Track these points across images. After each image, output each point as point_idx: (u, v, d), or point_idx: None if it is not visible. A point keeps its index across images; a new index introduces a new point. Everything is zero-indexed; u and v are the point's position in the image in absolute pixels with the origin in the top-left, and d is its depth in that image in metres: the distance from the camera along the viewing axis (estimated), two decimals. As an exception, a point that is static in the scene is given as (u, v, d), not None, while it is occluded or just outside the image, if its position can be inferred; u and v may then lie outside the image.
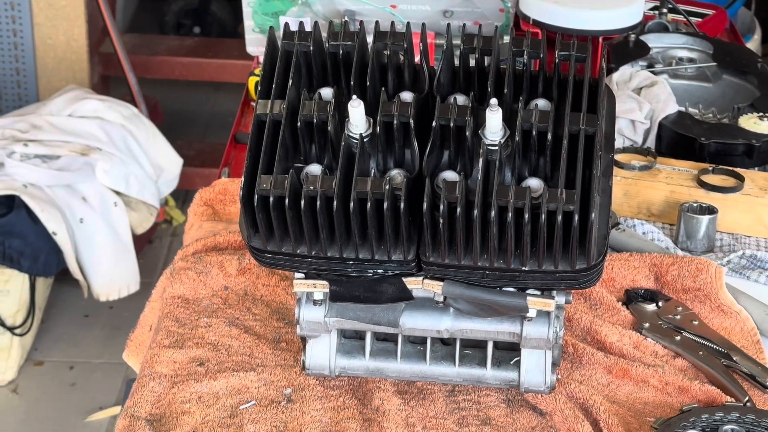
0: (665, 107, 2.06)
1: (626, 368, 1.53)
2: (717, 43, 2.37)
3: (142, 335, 1.75)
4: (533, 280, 1.38)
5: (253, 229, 1.38)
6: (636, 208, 1.90)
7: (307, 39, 1.42)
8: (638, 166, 1.91)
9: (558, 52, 1.43)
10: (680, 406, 1.48)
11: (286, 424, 1.44)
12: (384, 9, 2.24)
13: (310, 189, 1.32)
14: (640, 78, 2.14)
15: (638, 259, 1.74)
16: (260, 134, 1.37)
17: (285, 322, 1.63)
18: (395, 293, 1.42)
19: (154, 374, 1.53)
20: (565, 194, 1.31)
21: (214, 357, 1.56)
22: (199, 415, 1.46)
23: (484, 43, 1.44)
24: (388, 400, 1.48)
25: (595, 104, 1.38)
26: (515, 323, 1.45)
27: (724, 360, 1.55)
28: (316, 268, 1.41)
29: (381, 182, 1.32)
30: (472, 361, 1.50)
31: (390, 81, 1.45)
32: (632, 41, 2.29)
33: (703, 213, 1.83)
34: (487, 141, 1.35)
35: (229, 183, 1.96)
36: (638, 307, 1.66)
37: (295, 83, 1.41)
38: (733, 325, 1.64)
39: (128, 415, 1.47)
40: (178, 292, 1.69)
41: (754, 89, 2.20)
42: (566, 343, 1.57)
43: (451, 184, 1.31)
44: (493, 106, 1.34)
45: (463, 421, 1.45)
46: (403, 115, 1.36)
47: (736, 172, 1.90)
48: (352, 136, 1.37)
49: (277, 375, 1.52)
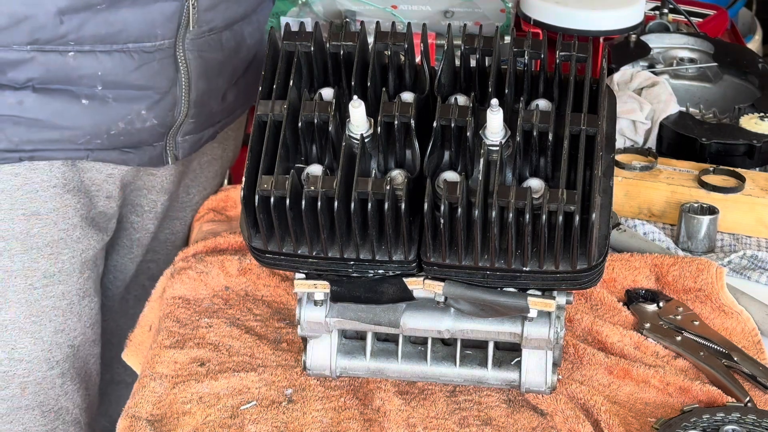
0: (666, 107, 2.06)
1: (627, 369, 1.53)
2: (718, 43, 2.37)
3: (142, 335, 1.75)
4: (534, 280, 1.38)
5: (254, 230, 1.38)
6: (637, 209, 1.90)
7: (308, 39, 1.42)
8: (639, 167, 1.91)
9: (559, 53, 1.43)
10: (681, 406, 1.48)
11: (287, 425, 1.45)
12: (385, 9, 2.24)
13: (311, 189, 1.32)
14: (641, 78, 2.15)
15: (639, 259, 1.74)
16: (261, 135, 1.37)
17: (286, 323, 1.63)
18: (396, 293, 1.42)
19: (154, 374, 1.53)
20: (566, 195, 1.31)
21: (215, 357, 1.56)
22: (200, 416, 1.46)
23: (485, 44, 1.44)
24: (389, 401, 1.48)
25: (596, 105, 1.38)
26: (516, 324, 1.45)
27: (725, 360, 1.55)
28: (317, 268, 1.41)
29: (382, 182, 1.32)
30: (473, 361, 1.50)
31: (391, 81, 1.45)
32: (633, 41, 2.29)
33: (704, 213, 1.83)
34: (488, 141, 1.35)
35: (232, 190, 1.96)
36: (639, 307, 1.66)
37: (296, 84, 1.41)
38: (734, 326, 1.64)
39: (129, 415, 1.47)
40: (179, 293, 1.69)
41: (755, 89, 2.20)
42: (567, 343, 1.57)
43: (452, 184, 1.31)
44: (494, 106, 1.34)
45: (464, 421, 1.45)
46: (403, 116, 1.36)
47: (737, 173, 1.90)
48: (353, 136, 1.37)
49: (278, 375, 1.52)
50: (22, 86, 1.59)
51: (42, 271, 1.72)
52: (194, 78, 1.68)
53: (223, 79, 1.75)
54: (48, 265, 1.73)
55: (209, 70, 1.70)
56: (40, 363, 1.76)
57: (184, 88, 1.68)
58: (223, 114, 1.82)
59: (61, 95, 1.61)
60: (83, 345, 1.81)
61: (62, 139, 1.64)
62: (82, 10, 1.55)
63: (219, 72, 1.73)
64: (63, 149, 1.66)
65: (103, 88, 1.61)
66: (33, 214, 1.69)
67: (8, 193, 1.67)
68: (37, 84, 1.59)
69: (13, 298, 1.72)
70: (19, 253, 1.70)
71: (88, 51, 1.58)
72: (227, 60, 1.73)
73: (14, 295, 1.72)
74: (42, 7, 1.53)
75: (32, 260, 1.71)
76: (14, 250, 1.70)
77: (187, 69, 1.67)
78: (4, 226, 1.68)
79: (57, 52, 1.57)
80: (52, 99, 1.61)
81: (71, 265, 1.75)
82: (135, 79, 1.62)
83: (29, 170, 1.67)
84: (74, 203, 1.72)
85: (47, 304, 1.74)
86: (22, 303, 1.72)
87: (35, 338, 1.75)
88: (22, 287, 1.72)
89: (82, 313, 1.79)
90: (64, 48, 1.57)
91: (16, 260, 1.70)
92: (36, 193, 1.68)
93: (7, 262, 1.70)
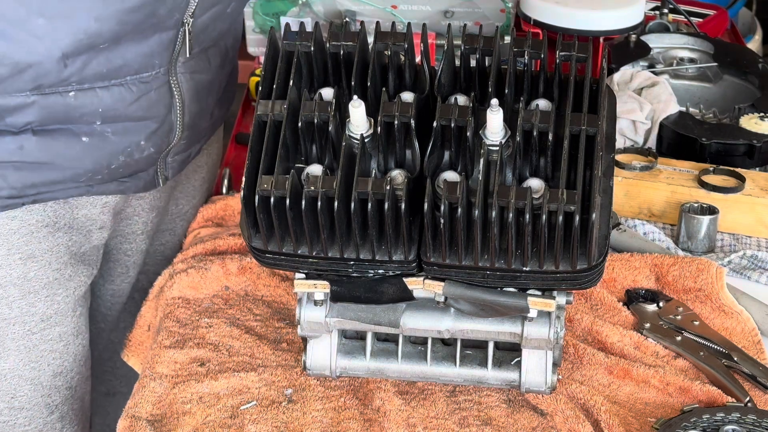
0: (666, 107, 2.06)
1: (627, 369, 1.53)
2: (718, 43, 2.37)
3: (141, 335, 1.75)
4: (534, 280, 1.38)
5: (254, 230, 1.38)
6: (637, 209, 1.90)
7: (308, 39, 1.42)
8: (639, 167, 1.91)
9: (559, 53, 1.43)
10: (681, 406, 1.48)
11: (287, 425, 1.45)
12: (385, 9, 2.24)
13: (311, 189, 1.32)
14: (641, 78, 2.15)
15: (639, 259, 1.74)
16: (261, 135, 1.37)
17: (286, 323, 1.63)
18: (396, 293, 1.42)
19: (155, 375, 1.53)
20: (566, 195, 1.31)
21: (215, 357, 1.56)
22: (200, 416, 1.46)
23: (485, 44, 1.44)
24: (389, 401, 1.48)
25: (596, 105, 1.38)
26: (516, 323, 1.45)
27: (725, 360, 1.55)
28: (317, 268, 1.41)
29: (382, 182, 1.32)
30: (473, 361, 1.50)
31: (391, 81, 1.45)
32: (633, 41, 2.29)
33: (704, 213, 1.83)
34: (488, 141, 1.35)
35: (230, 199, 1.94)
36: (639, 307, 1.66)
37: (296, 84, 1.41)
38: (734, 326, 1.64)
39: (129, 415, 1.47)
40: (179, 293, 1.69)
41: (755, 89, 2.20)
42: (567, 343, 1.57)
43: (452, 184, 1.31)
44: (494, 106, 1.34)
45: (464, 421, 1.45)
46: (404, 116, 1.36)
47: (737, 173, 1.90)
48: (353, 136, 1.37)
49: (278, 375, 1.52)
50: (21, 130, 1.55)
51: (39, 314, 1.68)
52: (187, 101, 1.66)
53: (212, 97, 1.73)
54: (45, 307, 1.68)
55: (200, 91, 1.68)
56: (40, 409, 1.72)
57: (178, 113, 1.65)
58: (210, 130, 1.81)
59: (60, 135, 1.57)
60: (79, 384, 1.78)
61: (65, 179, 1.61)
62: (85, 51, 1.51)
63: (209, 91, 1.71)
64: (65, 188, 1.63)
65: (102, 123, 1.58)
66: (29, 257, 1.64)
67: (5, 237, 1.62)
68: (36, 126, 1.55)
69: (12, 346, 1.67)
70: (17, 299, 1.66)
71: (87, 88, 1.55)
72: (214, 77, 1.71)
73: (12, 343, 1.67)
74: (47, 54, 1.48)
75: (30, 305, 1.67)
76: (12, 297, 1.65)
77: (181, 93, 1.64)
78: (2, 273, 1.63)
79: (58, 94, 1.53)
80: (52, 140, 1.57)
81: (66, 305, 1.71)
82: (133, 111, 1.59)
83: (25, 212, 1.63)
84: (65, 241, 1.68)
85: (45, 348, 1.70)
86: (21, 350, 1.68)
87: (34, 384, 1.70)
88: (20, 334, 1.67)
89: (77, 352, 1.75)
90: (65, 89, 1.53)
91: (14, 306, 1.66)
92: (32, 234, 1.64)
93: (5, 310, 1.65)
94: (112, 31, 1.50)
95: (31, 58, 1.48)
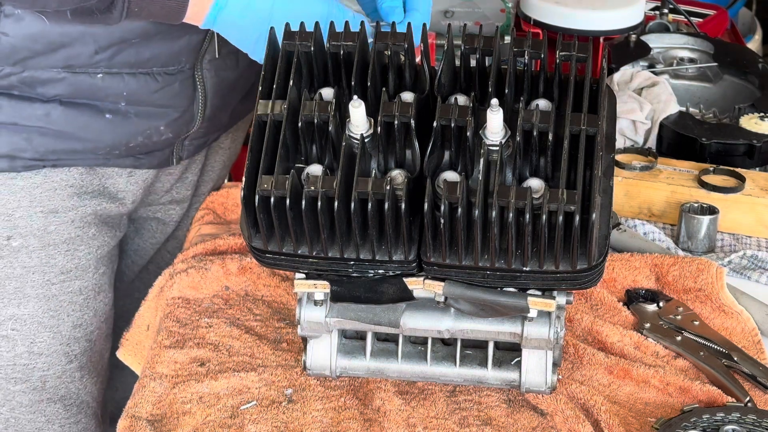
0: (666, 107, 2.06)
1: (627, 369, 1.53)
2: (718, 43, 2.37)
3: (139, 334, 1.76)
4: (534, 280, 1.38)
5: (254, 230, 1.38)
6: (637, 209, 1.90)
7: (308, 39, 1.42)
8: (639, 167, 1.91)
9: (559, 53, 1.43)
10: (681, 406, 1.48)
11: (287, 425, 1.44)
12: (385, 9, 2.23)
13: (311, 189, 1.32)
14: (641, 78, 2.15)
15: (639, 259, 1.74)
16: (261, 135, 1.38)
17: (286, 323, 1.64)
18: (396, 293, 1.42)
19: (154, 374, 1.53)
20: (566, 194, 1.31)
21: (215, 357, 1.56)
22: (200, 416, 1.46)
23: (485, 44, 1.44)
24: (389, 401, 1.48)
25: (596, 104, 1.38)
26: (516, 323, 1.45)
27: (725, 360, 1.55)
28: (317, 268, 1.41)
29: (382, 182, 1.32)
30: (473, 361, 1.50)
31: (391, 81, 1.45)
32: (633, 41, 2.29)
33: (704, 213, 1.83)
34: (488, 141, 1.35)
35: (233, 188, 1.97)
36: (639, 307, 1.66)
37: (296, 84, 1.41)
38: (734, 326, 1.64)
39: (129, 415, 1.47)
40: (179, 293, 1.69)
41: (755, 89, 2.21)
42: (567, 343, 1.57)
43: (452, 184, 1.31)
44: (494, 106, 1.34)
45: (464, 421, 1.45)
46: (404, 116, 1.36)
47: (737, 173, 1.90)
48: (353, 136, 1.37)
49: (278, 375, 1.52)
50: (50, 99, 1.65)
51: (59, 267, 1.76)
52: (210, 95, 1.75)
53: (236, 93, 1.81)
54: (65, 261, 1.77)
55: (224, 88, 1.77)
56: (59, 357, 1.80)
57: (200, 105, 1.75)
58: (231, 121, 1.89)
59: (86, 109, 1.67)
60: (99, 339, 1.86)
61: (84, 150, 1.71)
62: (116, 44, 1.62)
63: (233, 88, 1.79)
64: (84, 158, 1.72)
65: (126, 104, 1.68)
66: (51, 211, 1.73)
67: (28, 190, 1.71)
68: (64, 98, 1.66)
69: (32, 293, 1.76)
70: (37, 249, 1.74)
71: (115, 73, 1.65)
72: (241, 76, 1.79)
73: (32, 290, 1.76)
74: (80, 39, 1.60)
75: (49, 256, 1.75)
76: (32, 246, 1.74)
77: (204, 87, 1.73)
78: (23, 223, 1.72)
79: (87, 74, 1.64)
80: (78, 113, 1.67)
81: (87, 261, 1.79)
82: (157, 98, 1.69)
83: (49, 171, 1.72)
84: (93, 204, 1.77)
85: (64, 299, 1.78)
86: (40, 298, 1.76)
87: (54, 332, 1.78)
88: (40, 283, 1.76)
89: (98, 308, 1.83)
90: (94, 71, 1.64)
91: (33, 256, 1.74)
92: (54, 191, 1.73)
93: (25, 258, 1.74)
94: (144, 30, 1.62)
95: (65, 39, 1.60)
